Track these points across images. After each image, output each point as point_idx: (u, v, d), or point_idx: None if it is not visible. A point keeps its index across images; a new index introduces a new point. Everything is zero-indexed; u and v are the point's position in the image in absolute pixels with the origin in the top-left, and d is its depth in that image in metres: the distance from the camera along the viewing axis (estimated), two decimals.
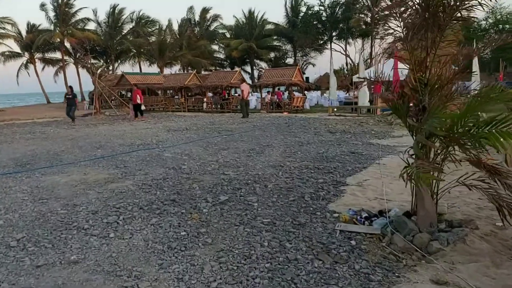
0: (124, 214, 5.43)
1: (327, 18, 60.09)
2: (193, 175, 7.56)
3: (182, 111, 28.67)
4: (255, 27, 61.48)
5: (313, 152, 9.51)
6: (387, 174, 7.13)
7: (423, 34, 4.20)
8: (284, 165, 8.09)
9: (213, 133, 14.26)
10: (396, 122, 14.47)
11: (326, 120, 17.08)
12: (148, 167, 8.42)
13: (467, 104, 4.21)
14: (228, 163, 8.57)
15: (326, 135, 12.47)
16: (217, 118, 20.67)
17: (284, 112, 25.14)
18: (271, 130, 14.30)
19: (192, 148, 10.85)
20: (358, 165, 7.93)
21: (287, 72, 26.71)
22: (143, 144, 11.89)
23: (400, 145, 10.21)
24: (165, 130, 15.34)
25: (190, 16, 62.41)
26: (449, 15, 4.07)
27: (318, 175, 7.20)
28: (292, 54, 65.06)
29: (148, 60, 57.08)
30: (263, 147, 10.47)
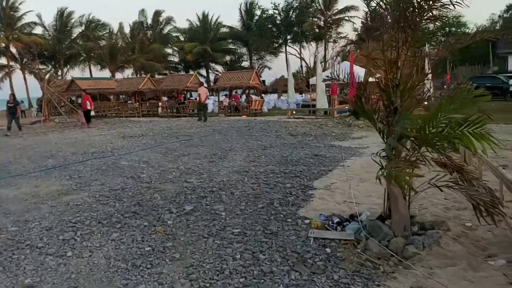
0: (82, 229, 5.02)
1: (281, 22, 60.65)
2: (154, 184, 7.19)
3: (137, 117, 27.84)
4: (210, 30, 61.08)
5: (277, 155, 9.36)
6: (353, 176, 7.08)
7: (394, 34, 4.11)
8: (249, 170, 7.88)
9: (171, 138, 13.83)
10: (355, 124, 14.65)
11: (286, 123, 17.05)
12: (104, 177, 7.96)
13: (438, 104, 4.17)
14: (190, 170, 8.25)
15: (288, 138, 12.38)
16: (174, 123, 20.18)
17: (243, 115, 24.98)
18: (232, 134, 14.06)
19: (150, 155, 10.42)
20: (323, 168, 7.85)
21: (245, 75, 26.62)
22: (97, 152, 11.31)
23: (361, 146, 10.27)
24: (120, 137, 14.74)
25: (142, 19, 61.08)
26: (420, 15, 4.01)
27: (285, 179, 7.03)
28: (248, 57, 65.14)
29: (99, 64, 55.24)
30: (225, 152, 10.21)
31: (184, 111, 27.31)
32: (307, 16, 59.28)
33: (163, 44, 59.75)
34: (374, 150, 9.72)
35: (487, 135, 3.86)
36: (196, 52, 56.72)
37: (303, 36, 60.53)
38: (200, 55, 58.37)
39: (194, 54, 56.62)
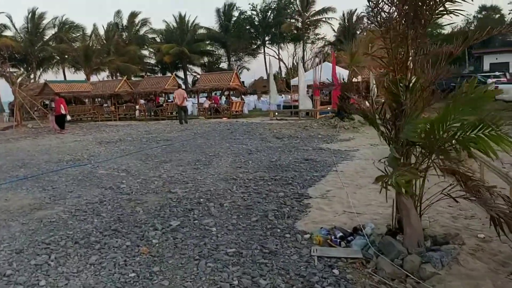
0: (56, 251, 4.46)
1: (259, 23, 60.35)
2: (135, 195, 6.64)
3: (113, 120, 27.03)
4: (187, 32, 60.24)
5: (265, 160, 8.90)
6: (348, 183, 6.68)
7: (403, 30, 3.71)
8: (237, 178, 7.40)
9: (151, 143, 13.23)
10: (340, 125, 14.33)
11: (269, 125, 16.62)
12: (80, 188, 7.35)
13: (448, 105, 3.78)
14: (173, 178, 7.71)
15: (273, 141, 11.95)
16: (152, 127, 19.51)
17: (223, 117, 24.48)
18: (215, 138, 13.54)
19: (129, 162, 9.83)
20: (316, 173, 7.43)
21: (225, 77, 26.09)
22: (72, 159, 10.64)
23: (351, 149, 9.91)
24: (97, 143, 14.03)
25: (118, 20, 59.83)
26: (432, 9, 3.62)
27: (276, 187, 6.58)
28: (226, 59, 64.60)
29: (73, 67, 53.73)
30: (209, 158, 9.70)
31: (162, 114, 26.62)
32: (285, 17, 59.17)
33: (139, 45, 58.62)
34: (365, 152, 9.43)
35: (506, 136, 3.50)
36: (174, 54, 55.83)
37: (281, 37, 60.36)
38: (177, 56, 57.50)
39: (171, 55, 55.72)
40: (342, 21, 60.02)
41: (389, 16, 3.72)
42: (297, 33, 60.65)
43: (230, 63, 63.68)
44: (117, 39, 54.53)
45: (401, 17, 3.65)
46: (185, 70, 62.58)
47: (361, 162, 8.26)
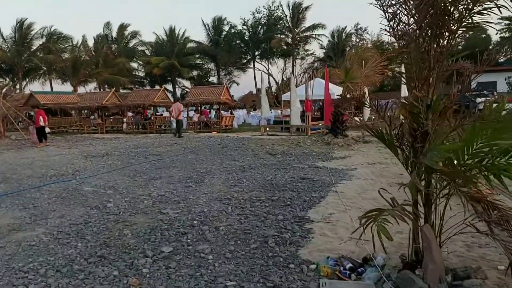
0: (35, 282, 3.99)
1: (249, 38, 60.49)
2: (123, 216, 6.18)
3: (100, 133, 26.40)
4: (177, 45, 60.09)
5: (259, 179, 8.51)
6: (351, 205, 6.32)
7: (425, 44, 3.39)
8: (232, 197, 6.99)
9: (139, 158, 12.75)
10: (334, 142, 14.04)
11: (261, 140, 16.26)
12: (64, 207, 6.86)
13: (473, 127, 3.45)
14: (163, 197, 7.27)
15: (266, 158, 11.58)
16: (140, 140, 19.01)
17: (213, 131, 24.09)
18: (205, 153, 13.13)
19: (117, 178, 9.36)
20: (314, 194, 7.06)
21: (215, 91, 25.76)
22: (56, 174, 10.13)
23: (348, 168, 9.59)
24: (82, 157, 13.50)
25: (107, 32, 59.55)
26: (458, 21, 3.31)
27: (274, 209, 6.19)
28: (215, 73, 64.50)
29: (60, 78, 52.97)
30: (201, 175, 9.27)
31: (151, 127, 26.11)
32: (275, 33, 59.44)
33: (128, 58, 58.24)
34: (364, 172, 9.10)
35: None
36: (163, 67, 55.59)
37: (271, 53, 60.52)
38: (167, 69, 57.26)
39: (161, 68, 55.46)
40: (331, 38, 60.53)
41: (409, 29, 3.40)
42: (287, 48, 60.94)
43: (219, 77, 63.59)
44: (106, 51, 54.12)
45: (422, 29, 3.33)
46: (174, 83, 62.29)
47: (361, 182, 7.93)
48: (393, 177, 8.56)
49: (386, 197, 3.92)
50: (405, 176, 8.71)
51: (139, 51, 62.08)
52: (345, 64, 15.02)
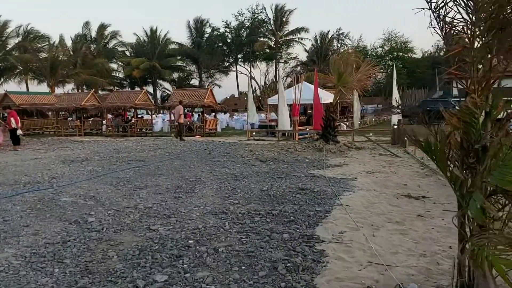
0: None
1: (232, 40, 59.92)
2: (107, 233, 5.46)
3: (78, 135, 25.37)
4: (158, 46, 59.12)
5: (255, 189, 7.87)
6: (361, 221, 5.74)
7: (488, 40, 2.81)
8: (228, 211, 6.33)
9: (121, 164, 11.96)
10: (326, 148, 13.51)
11: (248, 146, 15.63)
12: (39, 221, 6.09)
13: None
14: (151, 210, 6.56)
15: (258, 165, 10.95)
16: (122, 144, 18.14)
17: (197, 135, 23.35)
18: (192, 159, 12.42)
19: (98, 186, 8.58)
20: (318, 207, 6.46)
21: (199, 93, 25.06)
22: (31, 182, 9.28)
23: (347, 177, 9.03)
24: (60, 161, 12.62)
25: (86, 32, 58.11)
26: None
27: (277, 225, 5.57)
28: (197, 75, 63.69)
29: (36, 78, 51.24)
30: (191, 184, 8.58)
31: (132, 130, 25.19)
32: (258, 36, 59.04)
33: (107, 58, 56.95)
34: (365, 182, 8.55)
35: None
36: (143, 68, 54.58)
37: (254, 56, 60.09)
38: (147, 71, 56.26)
39: (141, 70, 54.44)
40: (315, 42, 60.48)
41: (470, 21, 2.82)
42: (270, 52, 60.63)
43: (201, 79, 62.82)
44: (84, 51, 52.77)
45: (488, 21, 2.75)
46: (155, 85, 61.24)
47: (365, 194, 7.37)
48: (397, 187, 8.04)
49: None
50: (409, 187, 8.22)
51: (119, 52, 60.87)
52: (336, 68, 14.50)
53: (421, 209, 6.49)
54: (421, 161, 11.18)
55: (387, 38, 54.44)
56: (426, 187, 8.16)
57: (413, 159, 11.83)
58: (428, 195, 7.41)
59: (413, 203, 6.89)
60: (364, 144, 15.32)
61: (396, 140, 15.22)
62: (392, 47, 53.04)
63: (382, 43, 55.11)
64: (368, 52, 54.20)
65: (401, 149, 14.03)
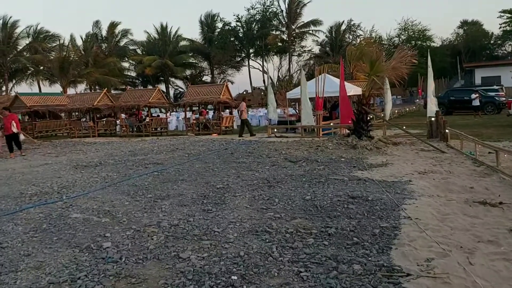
0: None
1: (244, 35, 58.64)
2: (126, 265, 4.35)
3: (92, 137, 24.47)
4: (169, 43, 58.21)
5: (296, 198, 6.70)
6: (445, 242, 4.53)
7: None
8: (271, 229, 5.18)
9: (138, 168, 10.90)
10: (361, 145, 12.27)
11: (271, 144, 14.45)
12: (43, 248, 5.02)
13: None
14: (178, 228, 5.45)
15: (289, 166, 9.77)
16: (137, 145, 17.11)
17: (213, 133, 22.28)
18: (214, 161, 11.30)
19: (113, 197, 7.51)
20: (382, 222, 5.28)
21: (214, 90, 23.94)
22: (38, 193, 8.25)
23: (399, 179, 7.81)
24: (71, 167, 11.61)
25: (96, 31, 57.30)
26: None
27: (340, 250, 4.40)
28: (209, 72, 62.62)
29: (48, 79, 50.68)
30: (219, 192, 7.45)
31: (147, 130, 24.20)
32: (270, 29, 57.64)
33: (119, 57, 56.17)
34: (423, 185, 7.23)
35: None
36: (155, 66, 53.67)
37: (266, 50, 58.72)
38: (159, 69, 55.32)
39: (153, 68, 53.53)
40: (329, 33, 58.87)
41: None
42: (282, 45, 59.20)
43: (213, 76, 61.75)
44: (96, 50, 52.03)
45: None
46: (167, 83, 60.38)
47: (431, 202, 6.16)
48: (463, 191, 6.81)
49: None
50: (476, 190, 6.95)
51: (130, 50, 60.00)
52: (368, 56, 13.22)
53: (507, 220, 5.28)
54: (473, 157, 9.91)
55: (403, 27, 52.64)
56: (495, 190, 6.92)
57: (462, 155, 10.54)
58: (502, 199, 6.19)
59: (492, 212, 5.67)
60: (400, 139, 14.04)
61: (434, 134, 13.89)
62: (409, 36, 51.21)
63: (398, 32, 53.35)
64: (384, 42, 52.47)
65: (441, 143, 12.72)
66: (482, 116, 24.09)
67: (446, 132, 12.90)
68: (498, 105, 26.16)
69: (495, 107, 26.06)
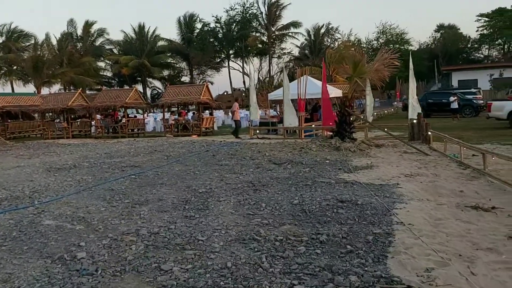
0: None
1: (223, 36, 58.25)
2: (102, 277, 3.98)
3: (66, 138, 23.70)
4: (147, 43, 57.31)
5: (283, 203, 6.42)
6: (441, 249, 4.33)
7: None
8: (260, 237, 4.88)
9: (115, 171, 10.45)
10: (345, 147, 12.09)
11: (254, 146, 14.15)
12: (13, 259, 4.59)
13: None
14: (159, 237, 5.09)
15: (274, 169, 9.50)
16: (113, 147, 16.57)
17: (193, 135, 21.84)
18: (195, 163, 10.93)
19: (89, 202, 7.09)
20: (374, 228, 5.04)
21: (194, 90, 23.51)
22: (8, 197, 7.74)
23: (386, 182, 7.62)
24: (44, 170, 11.05)
25: (72, 30, 55.93)
26: None
27: (334, 259, 4.13)
28: (188, 72, 61.95)
29: (21, 79, 49.16)
30: (201, 196, 7.10)
31: (123, 131, 23.57)
32: (250, 31, 57.43)
33: (95, 57, 54.95)
34: (411, 188, 7.05)
35: None
36: (132, 66, 52.70)
37: (246, 51, 58.46)
38: (136, 69, 54.36)
39: (130, 68, 52.53)
40: (308, 36, 59.03)
41: None
42: (262, 47, 59.08)
43: (192, 76, 61.11)
44: (70, 50, 50.71)
45: None
46: (145, 83, 59.42)
47: (422, 206, 5.97)
48: (452, 195, 6.67)
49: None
50: (466, 194, 6.81)
51: (106, 49, 58.79)
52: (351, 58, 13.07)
53: (502, 226, 5.13)
54: (458, 160, 9.83)
55: (382, 30, 53.20)
56: (485, 193, 6.80)
57: (446, 158, 10.47)
58: (494, 204, 6.06)
59: (485, 217, 5.51)
60: (382, 141, 13.95)
61: (415, 136, 13.84)
62: (387, 40, 51.75)
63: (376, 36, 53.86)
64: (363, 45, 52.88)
65: (424, 145, 12.67)
66: (460, 119, 24.35)
67: (429, 135, 12.85)
68: (476, 108, 26.51)
69: (473, 110, 26.40)
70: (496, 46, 56.33)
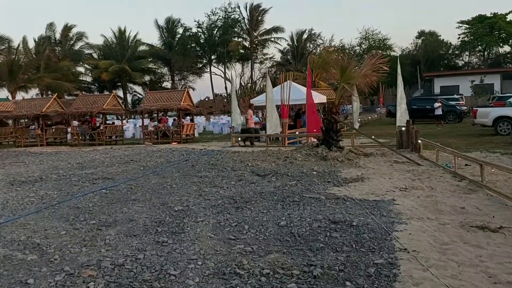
0: None
1: (205, 41, 57.50)
2: None
3: (40, 146, 22.60)
4: (127, 48, 56.15)
5: (268, 224, 5.70)
6: (455, 283, 3.67)
7: None
8: (242, 269, 4.15)
9: (84, 184, 9.61)
10: (332, 157, 11.46)
11: (236, 154, 13.43)
12: None
13: None
14: (123, 270, 4.31)
15: (258, 182, 8.77)
16: (87, 156, 15.65)
17: (173, 142, 21.00)
18: (173, 175, 10.15)
19: (48, 224, 6.26)
20: (374, 257, 4.36)
21: (175, 96, 22.69)
22: None
23: (381, 198, 6.98)
24: (7, 183, 10.12)
25: (50, 33, 54.41)
26: None
27: None
28: (169, 78, 60.95)
29: None
30: (177, 216, 6.34)
31: (100, 138, 22.57)
32: (232, 36, 56.83)
33: (73, 61, 53.50)
34: (409, 205, 6.26)
35: None
36: (112, 71, 51.45)
37: (228, 56, 57.80)
38: (116, 74, 53.10)
39: (110, 73, 51.28)
40: (290, 41, 58.69)
41: None
42: (244, 52, 58.51)
43: (174, 82, 60.14)
44: (48, 54, 49.20)
45: None
46: (125, 89, 58.18)
47: (425, 227, 5.33)
48: (454, 212, 6.05)
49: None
50: (468, 211, 6.20)
51: (85, 54, 57.37)
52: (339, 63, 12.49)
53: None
54: (451, 170, 9.29)
55: (364, 36, 53.16)
56: (487, 209, 6.22)
57: (439, 168, 9.93)
58: (498, 221, 5.49)
59: (494, 239, 4.91)
60: (369, 149, 13.39)
61: (404, 144, 13.31)
62: (370, 45, 51.71)
63: (359, 41, 53.80)
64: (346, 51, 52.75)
65: (413, 154, 12.14)
66: (444, 125, 24.09)
67: (419, 143, 12.33)
68: (459, 114, 26.33)
69: (457, 116, 26.22)
70: (476, 53, 56.83)
